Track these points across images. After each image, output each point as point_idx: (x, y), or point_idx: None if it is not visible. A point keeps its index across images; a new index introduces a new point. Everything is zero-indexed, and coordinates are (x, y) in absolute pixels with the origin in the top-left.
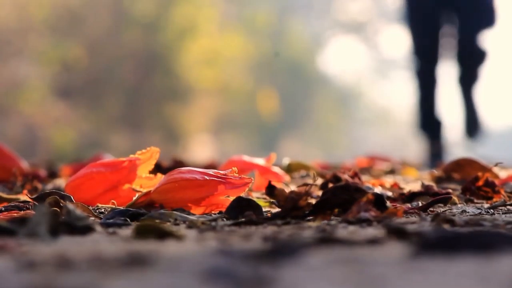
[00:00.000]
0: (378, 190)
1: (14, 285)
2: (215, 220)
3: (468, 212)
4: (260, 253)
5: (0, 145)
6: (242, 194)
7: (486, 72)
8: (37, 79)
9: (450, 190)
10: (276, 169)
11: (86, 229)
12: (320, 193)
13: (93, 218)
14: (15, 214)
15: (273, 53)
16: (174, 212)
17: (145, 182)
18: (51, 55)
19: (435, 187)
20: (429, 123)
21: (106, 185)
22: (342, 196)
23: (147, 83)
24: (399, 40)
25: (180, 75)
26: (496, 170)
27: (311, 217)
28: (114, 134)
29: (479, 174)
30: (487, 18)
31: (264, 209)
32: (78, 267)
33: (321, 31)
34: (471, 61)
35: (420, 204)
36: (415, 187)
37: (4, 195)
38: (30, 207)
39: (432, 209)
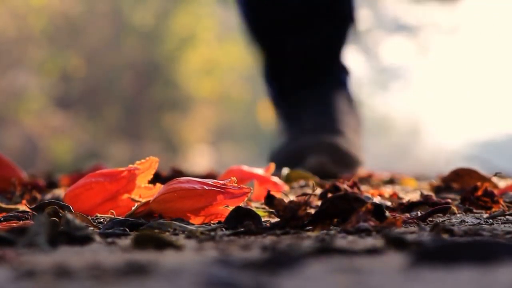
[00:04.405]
0: (377, 200)
1: None
2: (214, 230)
3: (467, 222)
4: (259, 263)
5: None
6: (241, 204)
7: (484, 80)
8: (36, 89)
9: (449, 200)
10: (275, 179)
11: (85, 239)
12: (319, 203)
13: (92, 228)
14: (14, 224)
15: None
16: (173, 222)
17: (144, 192)
18: (50, 65)
19: (434, 197)
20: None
21: (105, 195)
22: (341, 206)
23: (146, 93)
24: (399, 50)
25: (179, 85)
26: (495, 180)
27: (310, 227)
28: (113, 144)
29: (478, 184)
30: None
31: (263, 219)
32: (77, 277)
33: None
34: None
35: (419, 214)
36: (414, 197)
37: (3, 205)
38: (29, 217)
39: (431, 219)
